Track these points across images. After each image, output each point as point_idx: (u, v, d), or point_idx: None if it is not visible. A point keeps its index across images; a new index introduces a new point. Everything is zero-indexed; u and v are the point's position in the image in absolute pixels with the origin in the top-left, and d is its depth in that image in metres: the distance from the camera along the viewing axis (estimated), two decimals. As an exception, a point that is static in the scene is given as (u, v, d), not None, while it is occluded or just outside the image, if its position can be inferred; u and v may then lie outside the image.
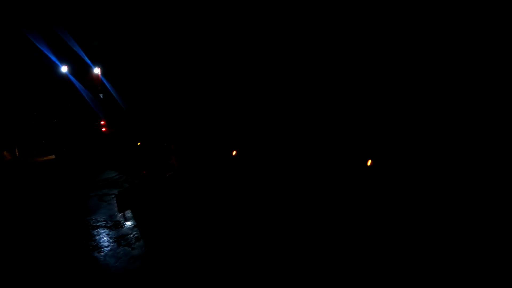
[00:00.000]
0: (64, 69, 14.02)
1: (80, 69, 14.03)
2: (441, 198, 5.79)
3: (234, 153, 10.57)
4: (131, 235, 5.33)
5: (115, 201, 7.40)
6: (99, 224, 5.98)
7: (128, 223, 5.94)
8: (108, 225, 5.89)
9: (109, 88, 13.52)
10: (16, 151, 14.00)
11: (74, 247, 5.08)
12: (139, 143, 12.47)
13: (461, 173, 6.78)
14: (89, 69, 13.90)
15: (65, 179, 9.95)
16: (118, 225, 5.85)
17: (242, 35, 10.66)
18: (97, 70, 13.86)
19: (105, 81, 13.57)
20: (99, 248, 4.93)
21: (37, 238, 5.47)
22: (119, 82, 13.44)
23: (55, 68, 14.04)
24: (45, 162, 13.27)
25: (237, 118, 11.02)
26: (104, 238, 5.31)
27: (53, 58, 13.77)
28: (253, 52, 10.76)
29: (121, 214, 6.62)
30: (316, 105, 10.30)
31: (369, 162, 8.39)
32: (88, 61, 13.88)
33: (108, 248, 4.85)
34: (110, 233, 5.50)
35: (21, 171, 12.04)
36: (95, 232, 5.62)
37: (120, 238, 5.20)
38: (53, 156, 13.74)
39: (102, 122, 13.33)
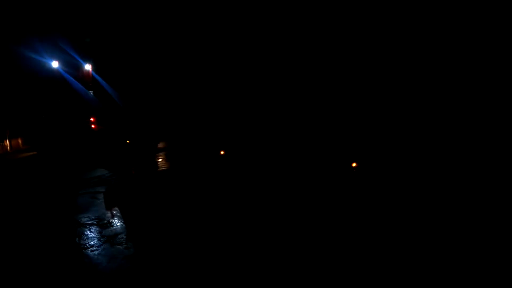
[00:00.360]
0: (55, 64, 13.74)
1: (71, 66, 13.78)
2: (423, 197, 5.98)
3: (222, 152, 10.66)
4: (124, 234, 5.33)
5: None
6: (91, 222, 5.89)
7: (118, 221, 5.93)
8: (102, 223, 5.82)
9: (100, 84, 13.35)
10: (8, 145, 13.67)
11: (66, 246, 5.00)
12: (128, 141, 12.39)
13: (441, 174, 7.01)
14: (80, 66, 13.67)
15: (56, 176, 9.80)
16: (111, 224, 5.79)
17: (231, 37, 10.70)
18: (88, 67, 13.66)
19: (96, 77, 13.38)
20: (92, 247, 4.90)
21: (29, 237, 5.37)
22: (110, 79, 13.29)
23: (46, 65, 13.74)
24: (31, 158, 13.00)
25: (225, 120, 11.09)
26: (97, 236, 5.24)
27: (45, 55, 13.48)
28: (241, 57, 10.84)
29: (109, 211, 6.56)
30: (301, 109, 10.46)
31: (354, 164, 8.62)
32: (78, 58, 13.64)
33: (101, 248, 4.82)
34: (103, 231, 5.42)
35: (11, 166, 11.80)
36: (87, 230, 5.52)
37: (113, 237, 5.13)
38: (29, 154, 13.39)
39: (92, 119, 13.14)
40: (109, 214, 6.34)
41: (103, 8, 13.59)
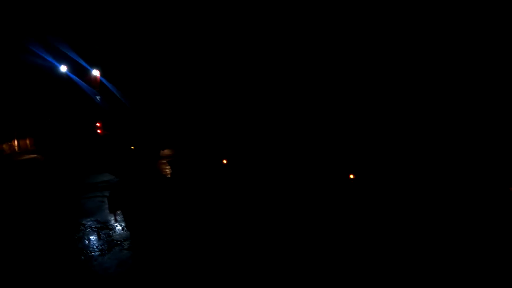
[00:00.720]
0: (63, 68, 13.93)
1: (80, 70, 13.94)
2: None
3: (224, 161, 10.82)
4: (133, 238, 5.39)
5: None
6: (100, 225, 5.98)
7: (126, 225, 6.04)
8: (110, 226, 5.92)
9: (108, 90, 13.49)
10: (16, 145, 13.76)
11: (76, 250, 5.09)
12: (132, 147, 12.50)
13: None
14: (88, 71, 13.84)
15: (64, 179, 9.82)
16: (119, 228, 5.86)
17: (241, 47, 10.89)
18: (96, 72, 13.83)
19: (104, 82, 13.52)
20: (101, 251, 4.95)
21: (39, 241, 5.45)
22: (118, 85, 13.43)
23: (55, 68, 13.93)
24: (37, 160, 13.05)
25: (227, 130, 11.26)
26: (107, 240, 5.33)
27: (54, 59, 13.69)
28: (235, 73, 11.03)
29: (116, 215, 6.64)
30: (298, 120, 10.60)
31: (351, 176, 8.78)
32: (85, 64, 13.81)
33: (111, 252, 4.88)
34: (113, 235, 5.53)
35: (18, 167, 11.90)
36: (96, 234, 5.61)
37: (122, 241, 5.21)
38: (35, 155, 13.33)
39: (98, 124, 13.21)
40: (116, 218, 6.46)
41: (112, 16, 13.83)
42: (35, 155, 13.49)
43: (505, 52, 7.14)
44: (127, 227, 5.94)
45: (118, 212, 6.81)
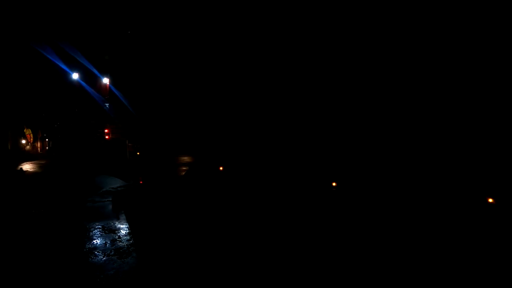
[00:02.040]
0: (75, 76, 14.31)
1: (91, 79, 14.27)
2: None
3: (220, 168, 11.46)
4: (148, 242, 5.65)
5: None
6: (119, 226, 6.33)
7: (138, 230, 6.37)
8: (125, 230, 6.22)
9: (116, 97, 13.98)
10: (39, 146, 14.05)
11: (97, 252, 5.37)
12: (138, 153, 12.98)
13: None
14: (98, 79, 14.23)
15: (79, 182, 10.04)
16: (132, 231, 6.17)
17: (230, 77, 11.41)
18: (106, 80, 14.26)
19: (113, 90, 13.97)
20: (121, 254, 5.26)
21: (63, 241, 5.76)
22: (127, 93, 13.87)
23: (69, 76, 14.27)
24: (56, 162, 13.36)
25: (224, 143, 11.84)
26: (127, 243, 5.67)
27: (68, 68, 14.07)
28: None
29: (115, 214, 6.97)
30: (286, 132, 11.20)
31: (334, 184, 9.46)
32: (97, 73, 14.22)
33: (129, 257, 5.19)
34: (131, 238, 5.80)
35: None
36: (117, 237, 5.93)
37: (139, 245, 5.56)
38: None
39: (106, 130, 13.59)
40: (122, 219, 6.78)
41: (122, 29, 14.26)
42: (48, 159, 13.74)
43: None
44: (139, 231, 6.23)
45: (121, 212, 7.08)
